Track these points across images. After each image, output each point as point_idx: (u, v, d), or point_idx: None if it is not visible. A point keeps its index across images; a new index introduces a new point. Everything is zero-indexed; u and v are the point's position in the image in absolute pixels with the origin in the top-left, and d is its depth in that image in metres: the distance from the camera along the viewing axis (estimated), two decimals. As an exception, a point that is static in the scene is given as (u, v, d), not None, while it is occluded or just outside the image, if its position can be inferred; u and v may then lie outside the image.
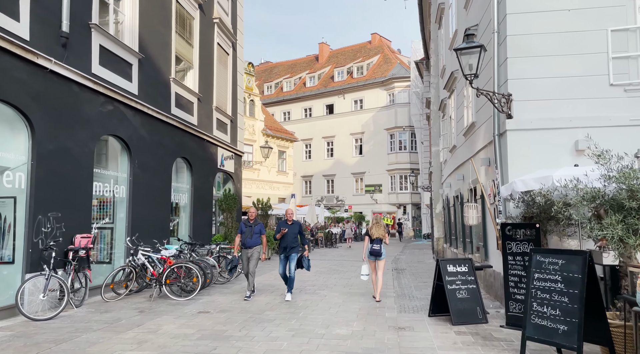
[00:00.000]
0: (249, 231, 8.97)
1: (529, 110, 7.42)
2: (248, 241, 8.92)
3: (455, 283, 7.00)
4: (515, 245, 6.58)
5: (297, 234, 8.99)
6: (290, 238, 8.85)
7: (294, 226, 9.04)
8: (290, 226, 8.98)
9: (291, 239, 8.87)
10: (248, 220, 9.16)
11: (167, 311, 7.64)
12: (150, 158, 10.79)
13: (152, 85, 10.96)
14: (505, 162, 7.57)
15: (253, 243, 8.94)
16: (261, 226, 9.14)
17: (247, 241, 8.92)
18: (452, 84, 12.85)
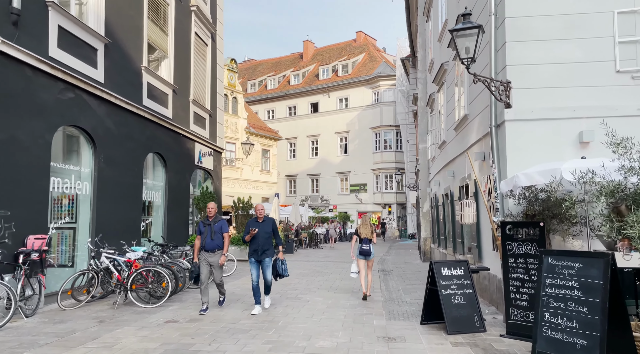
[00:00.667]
0: (208, 231, 7.50)
1: (529, 99, 6.83)
2: (208, 243, 7.48)
3: (450, 288, 6.36)
4: (516, 246, 5.96)
5: (270, 234, 7.58)
6: (262, 239, 7.44)
7: (266, 224, 7.57)
8: (262, 224, 7.52)
9: (263, 240, 7.45)
10: (207, 218, 7.69)
11: (131, 321, 6.83)
12: (118, 152, 9.94)
13: (120, 74, 10.11)
14: (503, 156, 6.96)
15: (214, 245, 7.51)
16: (223, 223, 7.65)
17: (206, 243, 7.49)
18: (442, 77, 12.27)
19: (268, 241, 7.53)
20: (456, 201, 10.88)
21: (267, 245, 7.50)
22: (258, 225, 7.51)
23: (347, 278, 11.91)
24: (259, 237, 7.44)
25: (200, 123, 14.74)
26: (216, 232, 7.56)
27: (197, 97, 14.29)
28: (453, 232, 11.54)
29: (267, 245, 7.50)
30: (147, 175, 11.61)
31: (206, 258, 7.55)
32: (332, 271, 13.87)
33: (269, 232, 7.58)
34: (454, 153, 10.94)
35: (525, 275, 5.83)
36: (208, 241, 7.50)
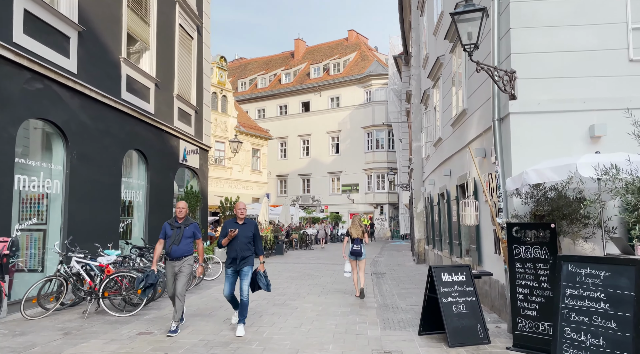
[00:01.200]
0: (176, 235, 6.29)
1: (535, 90, 6.31)
2: (175, 250, 6.24)
3: (452, 295, 5.81)
4: (524, 250, 5.43)
5: (250, 238, 6.35)
6: (241, 244, 6.24)
7: (247, 226, 6.39)
8: (242, 226, 6.33)
9: (243, 245, 6.25)
10: (175, 219, 6.44)
11: (100, 333, 6.20)
12: (93, 148, 9.27)
13: (96, 64, 9.45)
14: (507, 151, 6.43)
15: (182, 252, 6.30)
16: (195, 227, 6.48)
17: (172, 249, 6.23)
18: (438, 71, 11.75)
19: (248, 247, 6.33)
20: (453, 200, 10.37)
21: (246, 251, 6.30)
22: (238, 227, 6.32)
23: (339, 282, 11.36)
24: (237, 242, 6.23)
25: (185, 119, 14.09)
26: (186, 237, 6.36)
27: (181, 91, 13.64)
28: (450, 233, 11.02)
29: (246, 251, 6.30)
30: (127, 173, 10.95)
31: (172, 267, 6.30)
32: (322, 274, 13.30)
33: (250, 236, 6.36)
34: (451, 150, 10.42)
35: (534, 282, 5.29)
36: (175, 248, 6.27)
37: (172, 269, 6.32)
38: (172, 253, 6.29)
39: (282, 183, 42.98)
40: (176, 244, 6.29)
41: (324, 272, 13.69)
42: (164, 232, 6.40)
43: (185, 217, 6.48)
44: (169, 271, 6.36)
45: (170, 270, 6.34)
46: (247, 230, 6.37)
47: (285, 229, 24.34)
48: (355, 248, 8.90)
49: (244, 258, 6.26)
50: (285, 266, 15.57)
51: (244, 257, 6.26)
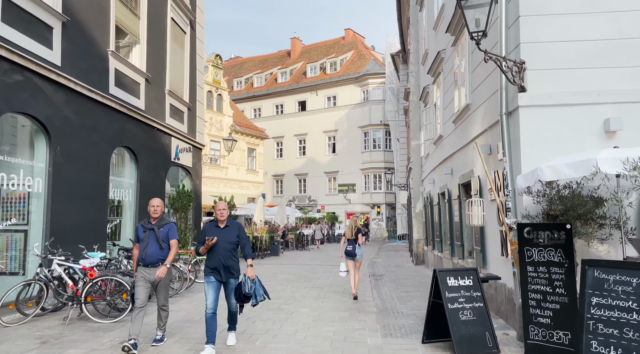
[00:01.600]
0: (149, 238, 5.48)
1: (546, 82, 5.93)
2: (149, 255, 5.43)
3: (458, 301, 5.42)
4: (537, 252, 5.04)
5: (235, 243, 5.46)
6: (223, 252, 5.33)
7: (230, 230, 5.45)
8: (224, 231, 5.42)
9: (226, 253, 5.34)
10: (148, 220, 5.62)
11: (79, 341, 5.76)
12: (79, 145, 8.83)
13: (82, 57, 9.00)
14: (516, 147, 6.05)
15: (157, 258, 5.46)
16: (171, 227, 5.67)
17: (147, 253, 5.43)
18: (438, 66, 11.37)
19: (232, 255, 5.41)
20: (455, 200, 9.99)
21: (230, 260, 5.37)
22: (218, 232, 5.38)
23: (336, 284, 10.97)
24: (219, 249, 5.32)
25: (178, 116, 13.65)
26: (162, 240, 5.52)
27: (173, 88, 13.20)
28: (451, 234, 10.64)
29: (230, 260, 5.37)
30: (115, 171, 10.50)
31: (145, 274, 5.45)
32: (319, 275, 12.90)
33: (234, 242, 5.43)
34: (453, 148, 10.04)
35: (548, 287, 4.91)
36: (149, 252, 5.43)
37: (146, 277, 5.46)
38: (145, 258, 5.44)
39: (279, 183, 42.56)
40: (150, 248, 5.46)
41: (321, 274, 13.29)
42: (137, 235, 5.63)
43: (161, 217, 5.66)
44: (140, 279, 5.46)
45: (143, 278, 5.45)
46: (230, 234, 5.41)
47: (281, 229, 23.93)
48: (347, 249, 9.01)
49: (227, 267, 5.35)
50: (281, 267, 15.16)
51: (227, 266, 5.35)
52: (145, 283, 5.46)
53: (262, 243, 18.94)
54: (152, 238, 5.49)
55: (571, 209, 5.13)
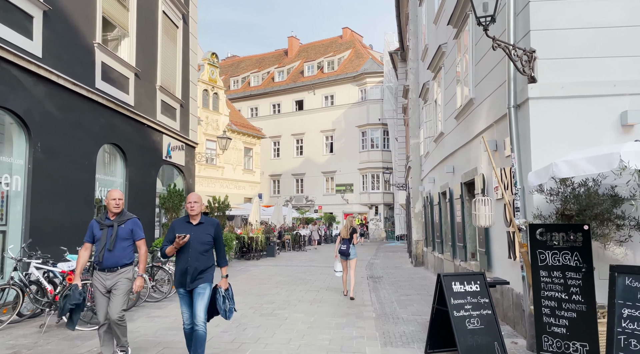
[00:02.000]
0: (107, 237, 4.62)
1: (558, 72, 5.52)
2: (107, 258, 4.61)
3: (464, 308, 5.00)
4: (551, 256, 4.63)
5: (209, 244, 4.55)
6: (194, 253, 4.44)
7: (204, 228, 4.54)
8: (197, 228, 4.51)
9: (197, 255, 4.45)
10: (106, 216, 4.76)
11: (54, 352, 5.32)
12: (61, 141, 8.38)
13: (65, 49, 8.55)
14: (525, 143, 5.64)
15: (116, 261, 4.64)
16: (134, 223, 4.80)
17: (104, 256, 4.60)
18: (439, 61, 10.96)
19: (205, 257, 4.50)
20: (457, 199, 9.57)
21: (202, 264, 4.47)
22: (190, 229, 4.47)
23: (333, 287, 10.55)
24: (189, 250, 4.42)
25: (170, 113, 13.20)
26: (123, 238, 4.68)
27: (165, 83, 12.75)
28: (452, 235, 10.23)
29: (202, 264, 4.47)
30: (102, 169, 10.05)
31: (103, 281, 4.63)
32: (316, 277, 12.47)
33: (208, 242, 4.53)
34: (455, 145, 9.63)
35: (564, 293, 4.49)
36: (107, 255, 4.59)
37: (103, 284, 4.62)
38: (103, 262, 4.60)
39: (275, 183, 42.12)
40: (109, 249, 4.58)
41: (317, 276, 12.86)
42: (91, 233, 4.71)
43: (122, 211, 4.77)
44: (98, 287, 4.63)
45: (101, 285, 4.63)
46: (204, 234, 4.50)
47: (278, 230, 23.49)
48: (342, 248, 9.09)
49: (199, 272, 4.44)
50: (277, 269, 14.73)
51: (199, 271, 4.44)
52: (103, 293, 4.64)
53: (257, 244, 18.50)
54: (111, 237, 4.62)
55: (587, 208, 4.72)
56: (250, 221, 20.69)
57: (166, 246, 4.49)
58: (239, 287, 10.58)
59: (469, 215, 8.99)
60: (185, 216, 4.66)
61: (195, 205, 4.54)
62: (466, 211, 9.03)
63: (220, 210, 16.84)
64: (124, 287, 4.67)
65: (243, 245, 18.41)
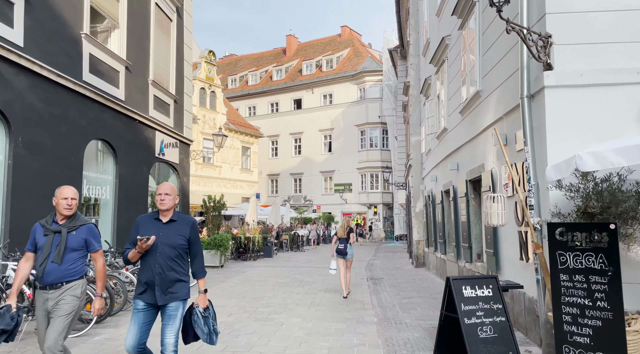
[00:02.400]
0: (51, 246, 3.66)
1: (575, 59, 5.10)
2: (48, 272, 3.61)
3: (476, 315, 4.58)
4: (572, 258, 4.20)
5: (182, 250, 3.61)
6: (163, 260, 3.51)
7: (176, 228, 3.61)
8: (167, 227, 3.59)
9: (166, 262, 3.52)
10: (53, 219, 3.78)
11: (28, 363, 4.89)
12: (45, 136, 7.94)
13: (49, 38, 8.11)
14: (540, 135, 5.22)
15: (62, 275, 3.65)
16: (89, 231, 3.82)
17: (45, 271, 3.61)
18: (443, 54, 10.54)
19: (177, 264, 3.55)
20: (461, 198, 9.16)
21: (173, 273, 3.51)
22: (158, 229, 3.54)
23: (331, 289, 10.13)
24: (156, 255, 3.48)
25: (163, 109, 12.76)
26: (72, 249, 3.70)
27: (158, 78, 12.31)
28: (457, 235, 9.81)
29: (173, 273, 3.51)
30: (90, 166, 9.61)
31: (43, 300, 3.65)
32: (314, 279, 12.04)
33: (181, 246, 3.56)
34: (459, 141, 9.21)
35: (587, 299, 4.07)
36: (49, 267, 3.61)
37: (44, 305, 3.64)
38: (43, 278, 3.60)
39: (273, 183, 41.69)
40: (56, 262, 3.59)
41: (315, 277, 12.44)
42: (33, 239, 3.71)
43: (75, 215, 3.79)
44: (39, 307, 3.68)
45: (41, 307, 3.66)
46: (175, 235, 3.54)
47: (275, 230, 23.06)
48: (339, 248, 9.11)
49: (167, 284, 3.47)
50: (274, 270, 14.30)
51: (169, 282, 3.47)
52: (43, 314, 3.65)
53: (254, 244, 18.06)
54: (58, 246, 3.63)
55: (612, 206, 4.30)
56: (247, 221, 20.25)
57: (129, 249, 3.55)
58: (234, 290, 10.16)
59: (475, 214, 8.58)
60: (154, 211, 3.69)
61: (167, 198, 3.56)
62: (471, 210, 8.62)
63: (216, 209, 16.40)
64: (67, 308, 3.59)
65: (239, 245, 17.98)
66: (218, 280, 11.89)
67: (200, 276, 3.70)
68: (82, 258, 3.82)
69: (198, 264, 3.70)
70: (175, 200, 3.68)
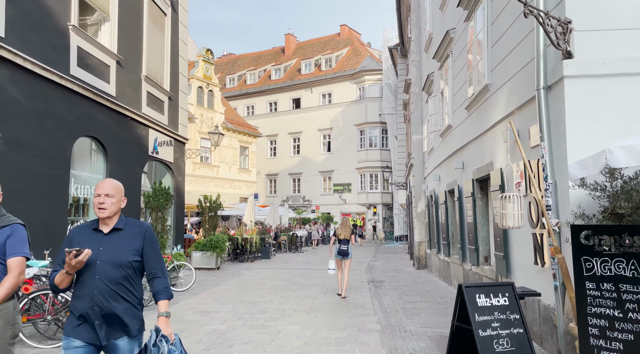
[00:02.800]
0: None
1: (598, 46, 4.69)
2: None
3: (491, 327, 4.16)
4: (600, 264, 3.79)
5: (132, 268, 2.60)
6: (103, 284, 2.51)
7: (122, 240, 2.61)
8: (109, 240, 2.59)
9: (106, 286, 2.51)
10: None
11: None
12: (29, 132, 7.51)
13: (33, 29, 7.68)
14: (558, 129, 4.80)
15: None
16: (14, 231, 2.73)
17: None
18: (447, 48, 10.13)
19: (127, 289, 2.59)
20: (467, 198, 8.74)
21: (121, 302, 2.55)
22: (99, 241, 2.58)
23: (331, 293, 9.72)
24: (93, 277, 2.51)
25: (157, 106, 12.33)
26: None
27: (151, 74, 11.88)
28: (462, 236, 9.40)
29: (121, 302, 2.55)
30: (79, 164, 9.18)
31: None
32: (312, 282, 11.62)
33: (129, 264, 2.59)
34: (465, 138, 8.80)
35: (617, 310, 3.66)
36: None
37: None
38: None
39: (272, 183, 41.26)
40: None
41: (314, 280, 12.02)
42: None
43: None
44: None
45: None
46: (122, 249, 2.59)
47: (273, 231, 22.63)
48: (342, 248, 9.15)
49: (111, 318, 2.52)
50: (271, 272, 13.87)
51: (111, 316, 2.51)
52: None
53: (252, 246, 17.63)
54: None
55: (642, 206, 3.88)
56: (245, 222, 19.82)
57: (56, 272, 2.52)
58: (229, 293, 9.73)
59: (482, 214, 8.18)
60: (93, 220, 2.68)
61: (108, 201, 2.55)
62: (478, 210, 8.21)
63: (212, 209, 15.97)
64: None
65: (236, 246, 17.55)
66: (213, 282, 11.46)
67: (162, 297, 2.63)
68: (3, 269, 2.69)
69: (159, 283, 2.66)
70: (122, 203, 2.66)
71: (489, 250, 7.96)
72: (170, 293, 2.71)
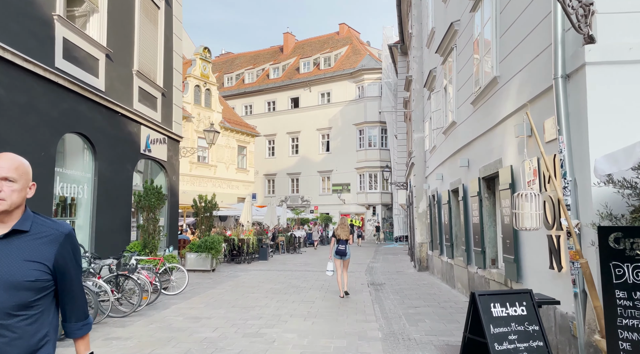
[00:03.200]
0: None
1: (622, 30, 4.28)
2: None
3: (508, 339, 3.74)
4: (632, 270, 3.37)
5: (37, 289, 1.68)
6: None
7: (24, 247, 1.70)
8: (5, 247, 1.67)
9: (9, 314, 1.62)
10: None
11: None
12: (8, 127, 7.07)
13: (13, 17, 7.24)
14: (579, 121, 4.38)
15: None
16: None
17: None
18: (451, 41, 9.72)
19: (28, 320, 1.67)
20: (473, 197, 8.32)
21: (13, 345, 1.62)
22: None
23: (330, 296, 9.30)
24: None
25: (149, 102, 11.89)
26: None
27: (143, 69, 11.44)
28: (467, 238, 8.98)
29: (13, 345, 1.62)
30: (65, 162, 8.75)
31: None
32: (310, 284, 11.20)
33: (34, 282, 1.67)
34: (471, 135, 8.38)
35: (653, 323, 3.24)
36: None
37: None
38: None
39: (270, 183, 40.82)
40: None
41: (312, 282, 11.59)
42: None
43: None
44: None
45: None
46: (21, 262, 1.67)
47: (271, 231, 22.19)
48: (340, 248, 9.22)
49: None
50: (268, 274, 13.43)
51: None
52: None
53: (249, 247, 17.20)
54: None
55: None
56: (242, 222, 19.37)
57: None
58: (223, 297, 9.30)
59: (489, 214, 7.76)
60: None
61: (6, 186, 1.70)
62: (485, 210, 7.79)
63: (208, 210, 15.53)
64: None
65: (233, 247, 17.11)
66: (207, 285, 11.03)
67: (79, 334, 1.88)
68: None
69: (75, 309, 1.87)
70: (29, 192, 1.82)
71: (496, 252, 7.54)
72: (89, 325, 1.92)
